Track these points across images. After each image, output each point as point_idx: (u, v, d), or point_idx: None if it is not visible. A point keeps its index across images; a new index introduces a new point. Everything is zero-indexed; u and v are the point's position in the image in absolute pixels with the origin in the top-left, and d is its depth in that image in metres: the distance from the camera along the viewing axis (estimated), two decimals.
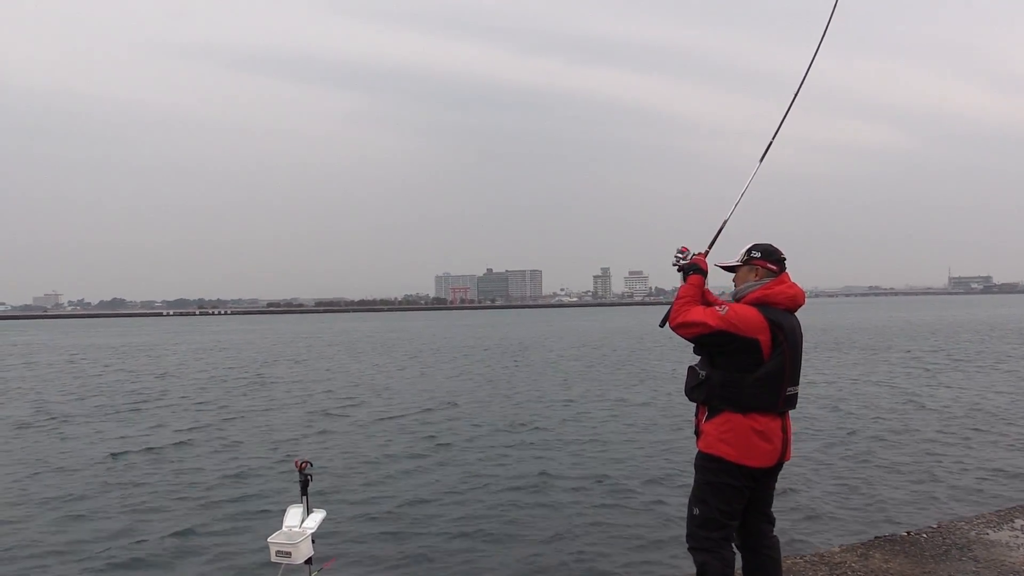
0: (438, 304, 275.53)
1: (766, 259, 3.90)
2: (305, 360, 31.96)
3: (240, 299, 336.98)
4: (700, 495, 3.80)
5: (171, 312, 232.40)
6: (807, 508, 8.11)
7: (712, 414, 3.79)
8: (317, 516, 4.35)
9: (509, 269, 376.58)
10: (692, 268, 3.99)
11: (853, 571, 5.10)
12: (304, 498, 4.36)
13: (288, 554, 4.11)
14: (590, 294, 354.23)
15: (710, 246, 4.14)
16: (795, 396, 3.84)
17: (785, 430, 3.81)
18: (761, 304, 3.78)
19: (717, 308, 3.74)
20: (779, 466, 3.85)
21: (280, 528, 4.27)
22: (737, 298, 3.94)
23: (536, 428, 13.51)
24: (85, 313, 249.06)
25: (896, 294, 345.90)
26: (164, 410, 16.77)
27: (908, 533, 6.06)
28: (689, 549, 3.82)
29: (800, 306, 3.90)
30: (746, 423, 3.69)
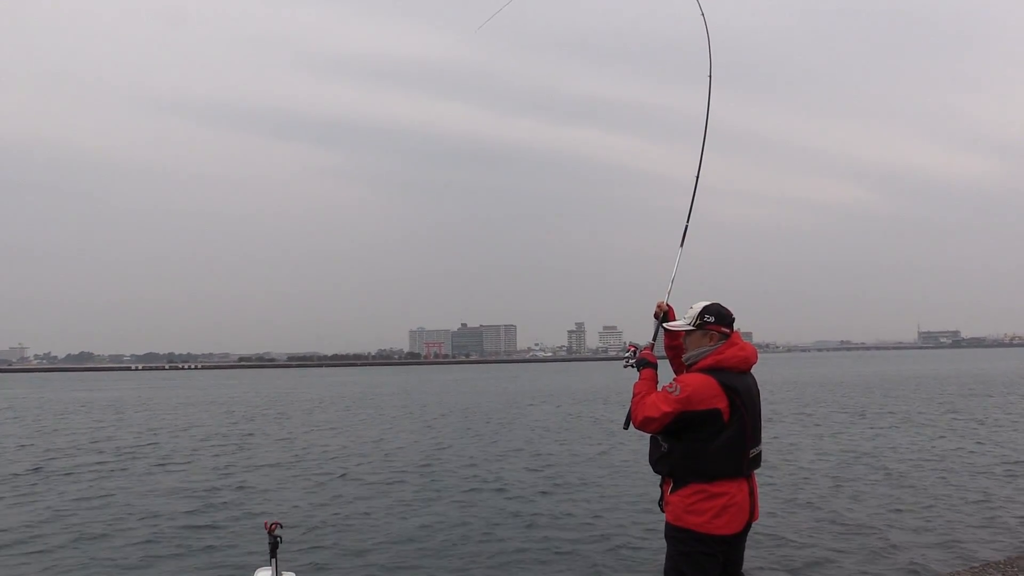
0: (412, 359, 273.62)
1: (720, 323, 3.93)
2: (289, 416, 31.40)
3: (211, 353, 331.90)
4: (676, 567, 3.76)
5: (140, 366, 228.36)
6: (782, 567, 8.08)
7: (678, 485, 3.78)
8: None
9: (483, 324, 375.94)
10: (642, 363, 4.06)
11: None
12: (273, 560, 4.30)
13: None
14: (564, 349, 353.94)
15: (653, 339, 4.25)
16: (758, 456, 3.86)
17: (752, 492, 3.82)
18: (714, 369, 3.81)
19: (668, 389, 3.76)
20: (748, 528, 3.86)
21: None
22: (689, 364, 3.97)
23: (519, 488, 13.33)
24: (52, 367, 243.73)
25: (867, 348, 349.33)
26: (141, 466, 16.41)
27: None
28: None
29: (753, 365, 3.95)
30: (713, 491, 3.68)
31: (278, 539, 4.30)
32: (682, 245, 4.54)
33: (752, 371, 3.99)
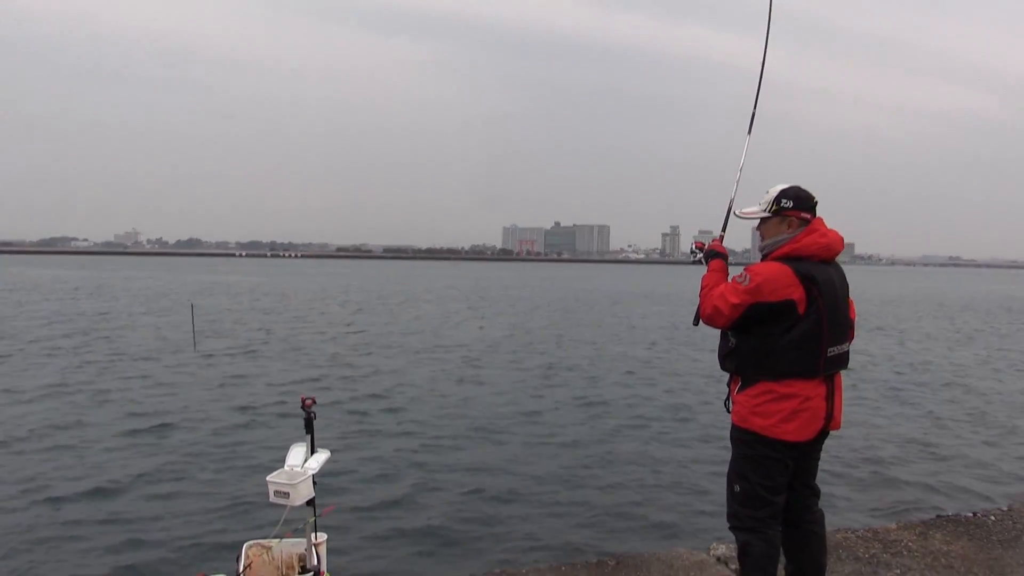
0: (504, 255, 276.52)
1: (799, 208, 3.37)
2: (393, 307, 31.84)
3: (310, 243, 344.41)
4: (740, 470, 3.37)
5: (244, 253, 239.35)
6: (862, 481, 7.60)
7: (746, 384, 3.34)
8: (321, 456, 4.10)
9: (577, 223, 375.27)
10: (711, 254, 3.61)
11: (909, 551, 4.64)
12: (309, 436, 4.12)
13: (286, 495, 3.88)
14: (658, 252, 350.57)
15: (723, 229, 3.80)
16: (843, 356, 3.34)
17: (831, 396, 3.34)
18: (791, 258, 3.30)
19: (737, 279, 3.28)
20: (825, 435, 3.41)
21: (282, 467, 4.05)
22: (764, 254, 3.46)
23: (576, 386, 13.06)
24: (163, 251, 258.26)
25: (979, 266, 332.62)
26: (264, 351, 17.03)
27: (974, 514, 5.56)
28: (731, 529, 3.41)
29: (837, 253, 3.41)
30: (782, 392, 3.23)
31: (313, 415, 4.12)
32: (749, 132, 4.08)
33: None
